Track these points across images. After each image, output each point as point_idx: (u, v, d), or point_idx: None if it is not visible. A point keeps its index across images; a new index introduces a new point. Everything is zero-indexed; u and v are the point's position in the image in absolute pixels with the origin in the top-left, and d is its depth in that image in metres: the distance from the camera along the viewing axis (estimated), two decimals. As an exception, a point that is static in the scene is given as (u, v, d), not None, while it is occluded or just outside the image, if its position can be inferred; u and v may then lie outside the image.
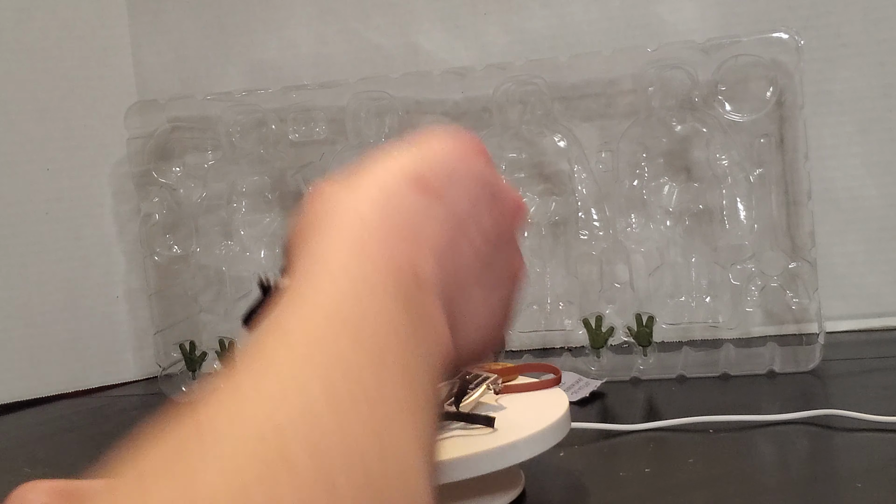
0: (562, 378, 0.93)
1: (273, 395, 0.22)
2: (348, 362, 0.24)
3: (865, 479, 0.63)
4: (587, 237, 1.02)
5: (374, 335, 0.26)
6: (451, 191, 0.32)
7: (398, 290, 0.28)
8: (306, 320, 0.25)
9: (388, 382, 0.24)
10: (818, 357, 0.92)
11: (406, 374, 0.25)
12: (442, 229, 0.31)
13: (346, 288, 0.27)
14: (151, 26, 1.21)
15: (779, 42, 0.96)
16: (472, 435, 0.59)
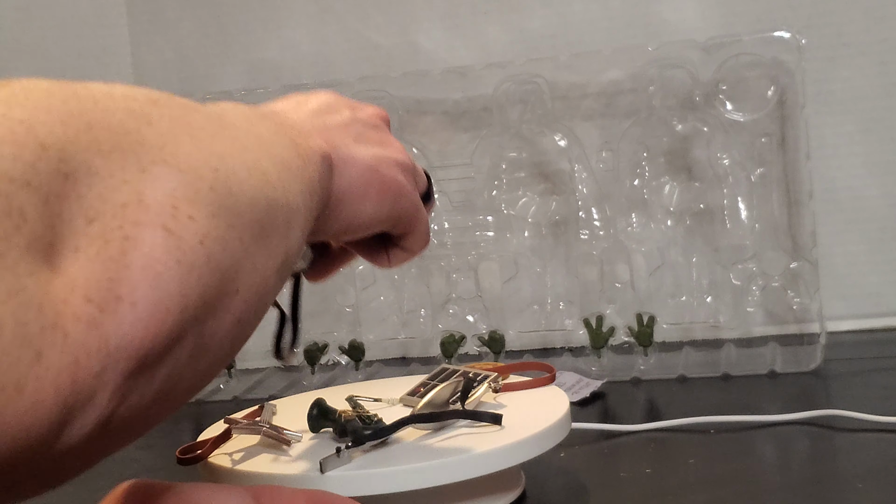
0: (560, 378, 0.93)
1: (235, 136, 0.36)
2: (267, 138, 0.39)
3: (866, 480, 0.63)
4: (588, 237, 1.02)
5: (276, 132, 0.41)
6: (322, 103, 0.50)
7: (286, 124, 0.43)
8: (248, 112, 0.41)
9: (282, 152, 0.39)
10: (819, 357, 0.91)
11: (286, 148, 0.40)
12: (314, 116, 0.49)
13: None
14: (151, 26, 1.21)
15: (780, 41, 0.96)
16: (472, 434, 0.59)
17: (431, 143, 1.10)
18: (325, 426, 0.61)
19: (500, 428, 0.60)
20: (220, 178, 0.32)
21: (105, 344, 0.27)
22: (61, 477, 0.29)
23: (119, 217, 0.28)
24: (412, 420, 0.58)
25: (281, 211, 0.36)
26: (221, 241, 0.31)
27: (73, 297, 0.27)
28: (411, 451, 0.57)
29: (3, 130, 0.26)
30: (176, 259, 0.29)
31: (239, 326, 0.34)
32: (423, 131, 1.11)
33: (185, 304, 0.30)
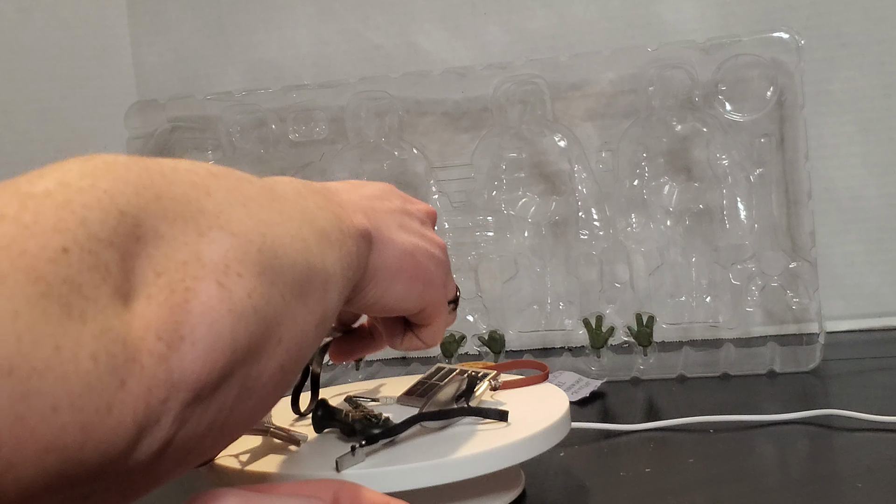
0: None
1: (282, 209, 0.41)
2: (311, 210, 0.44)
3: (866, 479, 0.63)
4: (587, 237, 1.02)
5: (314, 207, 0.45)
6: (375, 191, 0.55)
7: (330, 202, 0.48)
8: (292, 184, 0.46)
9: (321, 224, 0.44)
10: (818, 357, 0.92)
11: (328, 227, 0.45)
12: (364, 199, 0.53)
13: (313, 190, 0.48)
14: (151, 26, 1.21)
15: (779, 42, 0.96)
16: (472, 434, 0.59)
17: (431, 143, 1.11)
18: (330, 426, 0.61)
19: (506, 424, 0.60)
20: (267, 242, 0.38)
21: (171, 376, 0.33)
22: (129, 494, 0.34)
23: (181, 272, 0.34)
24: (422, 418, 0.59)
25: (318, 275, 0.42)
26: (266, 296, 0.37)
27: (148, 336, 0.32)
28: (412, 449, 0.57)
29: (92, 198, 0.32)
30: (228, 308, 0.35)
31: (282, 373, 0.39)
32: (423, 132, 1.11)
33: (235, 347, 0.35)
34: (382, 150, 1.07)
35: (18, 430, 0.28)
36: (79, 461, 0.29)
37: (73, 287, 0.30)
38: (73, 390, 0.29)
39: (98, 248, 0.31)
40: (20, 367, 0.28)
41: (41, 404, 0.28)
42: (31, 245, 0.29)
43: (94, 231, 0.31)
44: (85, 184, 0.32)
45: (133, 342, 0.31)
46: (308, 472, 0.55)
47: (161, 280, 0.33)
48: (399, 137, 1.07)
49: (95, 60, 1.20)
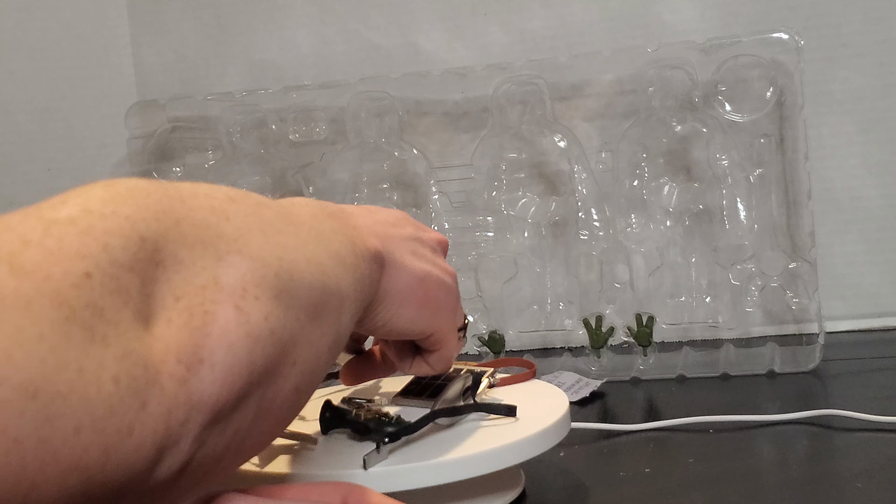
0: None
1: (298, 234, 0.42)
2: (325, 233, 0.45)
3: (865, 480, 0.63)
4: (587, 237, 1.02)
5: (330, 231, 0.46)
6: (388, 218, 0.56)
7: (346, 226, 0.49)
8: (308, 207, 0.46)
9: (335, 247, 0.45)
10: (818, 357, 0.92)
11: (342, 248, 0.46)
12: (378, 224, 0.53)
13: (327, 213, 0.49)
14: (151, 26, 1.22)
15: (779, 42, 0.96)
16: (471, 434, 0.59)
17: (431, 143, 1.11)
18: (339, 427, 0.61)
19: (515, 419, 0.60)
20: (284, 266, 0.39)
21: (190, 398, 0.33)
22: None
23: (200, 296, 0.35)
24: (436, 415, 0.60)
25: (333, 297, 0.43)
26: (282, 319, 0.38)
27: (168, 358, 0.33)
28: (411, 450, 0.57)
29: (114, 225, 0.33)
30: (245, 332, 0.35)
31: (297, 394, 0.40)
32: (423, 132, 1.11)
33: (252, 370, 0.36)
34: (382, 150, 1.07)
35: (42, 453, 0.28)
36: (100, 482, 0.30)
37: (95, 311, 0.31)
38: (96, 412, 0.30)
39: (120, 273, 0.32)
40: (45, 390, 0.28)
41: (64, 426, 0.29)
42: (56, 270, 0.30)
43: (116, 256, 0.32)
44: (107, 210, 0.33)
45: (154, 365, 0.32)
46: (327, 471, 0.55)
47: (180, 304, 0.34)
48: (399, 138, 1.07)
49: (95, 60, 1.20)
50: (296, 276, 0.39)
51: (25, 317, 0.28)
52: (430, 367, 0.60)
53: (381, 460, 0.55)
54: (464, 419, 0.62)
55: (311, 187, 1.10)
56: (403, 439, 0.57)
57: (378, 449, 0.55)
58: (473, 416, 0.62)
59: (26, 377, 0.28)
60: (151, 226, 0.34)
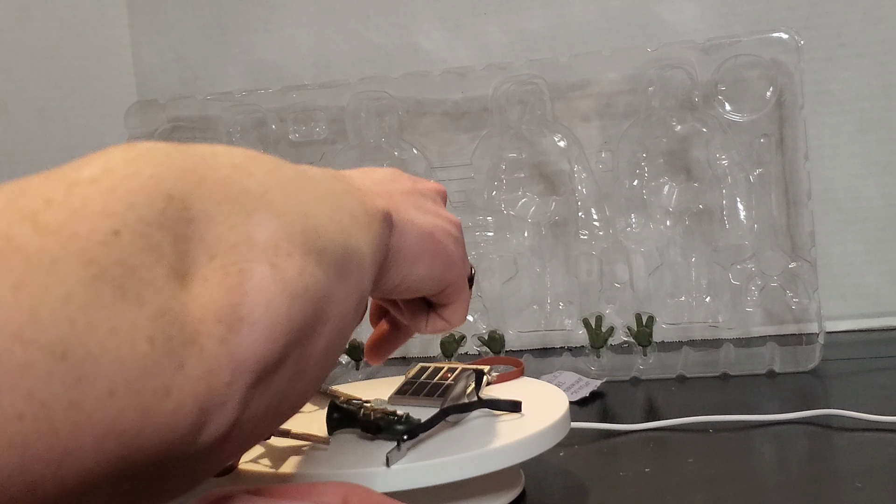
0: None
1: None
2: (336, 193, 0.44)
3: (865, 479, 0.63)
4: (587, 237, 1.02)
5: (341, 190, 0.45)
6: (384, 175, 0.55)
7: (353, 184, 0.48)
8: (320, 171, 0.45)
9: (347, 204, 0.44)
10: (818, 357, 0.92)
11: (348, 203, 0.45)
12: (378, 183, 0.53)
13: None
14: (151, 26, 1.22)
15: (779, 42, 0.96)
16: (471, 433, 0.59)
17: (431, 143, 1.11)
18: (346, 427, 0.61)
19: (520, 415, 0.60)
20: (309, 223, 0.38)
21: (233, 358, 0.33)
22: (188, 480, 0.34)
23: (233, 254, 0.34)
24: (447, 412, 0.60)
25: (355, 256, 0.42)
26: (315, 276, 0.37)
27: (206, 317, 0.32)
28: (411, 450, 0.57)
29: (138, 184, 0.32)
30: (282, 289, 0.35)
31: (327, 354, 0.40)
32: (423, 132, 1.11)
33: (291, 327, 0.35)
34: (382, 150, 1.07)
35: (74, 416, 0.27)
36: (138, 447, 0.29)
37: (126, 269, 0.30)
38: (130, 374, 0.29)
39: (149, 231, 0.31)
40: (74, 351, 0.27)
41: (97, 389, 0.28)
42: (82, 228, 0.29)
43: (144, 214, 0.31)
44: (130, 170, 0.33)
45: (191, 324, 0.31)
46: (348, 470, 0.55)
47: (215, 263, 0.33)
48: (399, 137, 1.07)
49: (95, 60, 1.20)
50: (321, 232, 0.39)
51: (52, 276, 0.27)
52: (447, 322, 0.59)
53: (401, 457, 0.55)
54: (466, 417, 0.62)
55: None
56: (420, 436, 0.58)
57: (399, 446, 0.55)
58: (475, 413, 0.62)
59: (54, 338, 0.27)
60: (177, 184, 0.33)
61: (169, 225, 0.32)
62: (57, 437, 0.27)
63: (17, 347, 0.26)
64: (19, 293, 0.27)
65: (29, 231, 0.28)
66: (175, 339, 0.30)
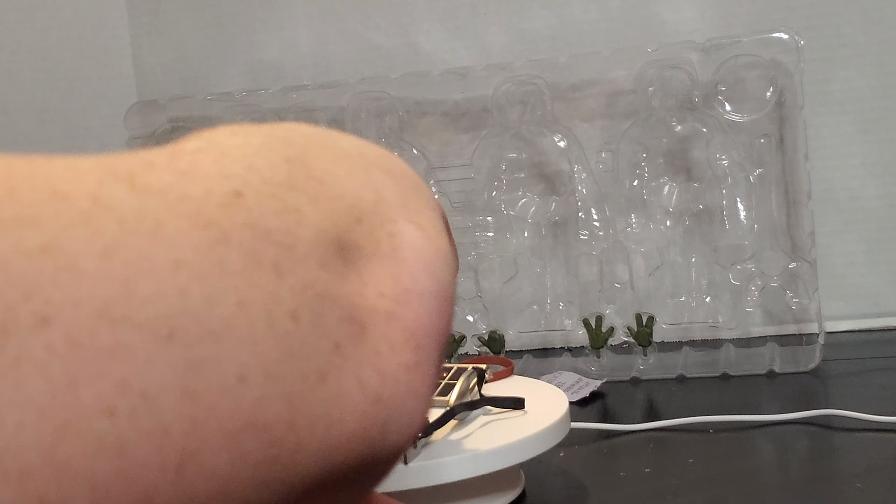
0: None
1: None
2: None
3: (865, 479, 0.63)
4: (587, 237, 1.02)
5: None
6: None
7: None
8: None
9: None
10: (818, 357, 0.92)
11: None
12: None
13: None
14: (151, 26, 1.22)
15: (779, 42, 0.96)
16: (470, 434, 0.59)
17: (431, 143, 1.11)
18: None
19: (523, 412, 0.61)
20: (410, 176, 0.33)
21: (412, 335, 0.27)
22: (367, 485, 0.28)
23: (378, 214, 0.28)
24: (456, 410, 0.60)
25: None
26: (443, 233, 0.31)
27: (365, 291, 0.26)
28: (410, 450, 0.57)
29: (250, 149, 0.27)
30: (435, 248, 0.29)
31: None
32: (423, 132, 1.11)
33: (452, 291, 0.30)
34: (382, 150, 1.07)
35: (189, 409, 0.22)
36: (293, 445, 0.24)
37: (257, 233, 0.24)
38: (268, 355, 0.23)
39: (279, 192, 0.26)
40: (185, 329, 0.22)
41: (221, 374, 0.22)
42: (194, 189, 0.23)
43: (268, 176, 0.26)
44: (237, 140, 0.28)
45: (347, 297, 0.26)
46: None
47: (363, 227, 0.28)
48: (399, 138, 1.07)
49: (95, 60, 1.20)
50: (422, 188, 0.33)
51: (155, 240, 0.21)
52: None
53: (417, 455, 0.55)
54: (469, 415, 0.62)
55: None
56: (434, 433, 0.58)
57: (415, 444, 0.56)
58: (474, 413, 0.62)
59: (156, 314, 0.21)
60: (290, 149, 0.28)
61: (300, 185, 0.27)
62: (168, 435, 0.21)
63: (102, 327, 0.21)
64: (109, 261, 0.21)
65: (124, 191, 0.22)
66: (327, 315, 0.25)
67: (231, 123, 0.30)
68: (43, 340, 0.19)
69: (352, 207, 0.28)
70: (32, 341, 0.19)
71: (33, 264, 0.19)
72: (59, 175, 0.21)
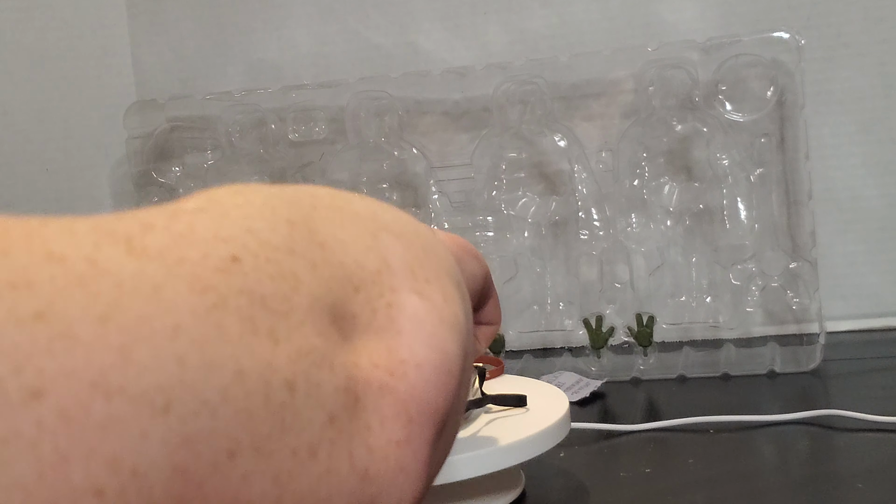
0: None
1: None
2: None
3: (866, 480, 0.63)
4: (587, 237, 1.02)
5: None
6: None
7: None
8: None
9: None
10: (819, 357, 0.92)
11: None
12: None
13: None
14: (150, 26, 1.21)
15: (779, 41, 0.96)
16: (470, 434, 0.59)
17: (431, 143, 1.10)
18: None
19: (525, 410, 0.60)
20: (425, 241, 0.31)
21: (404, 409, 0.26)
22: None
23: (378, 284, 0.28)
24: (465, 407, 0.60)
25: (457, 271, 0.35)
26: (455, 300, 0.30)
27: (360, 361, 0.26)
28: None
29: (252, 210, 0.26)
30: (439, 319, 0.28)
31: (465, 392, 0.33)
32: (422, 132, 1.11)
33: (458, 362, 0.29)
34: (382, 150, 1.07)
35: (178, 487, 0.21)
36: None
37: (254, 299, 0.23)
38: (259, 429, 0.22)
39: (278, 257, 0.25)
40: (182, 400, 0.21)
41: (213, 449, 0.21)
42: (191, 253, 0.23)
43: (267, 239, 0.25)
44: (239, 200, 0.26)
45: (343, 368, 0.25)
46: None
47: (360, 296, 0.27)
48: (399, 137, 1.07)
49: (95, 60, 1.20)
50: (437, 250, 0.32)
51: (152, 304, 0.21)
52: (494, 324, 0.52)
53: None
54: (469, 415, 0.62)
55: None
56: None
57: None
58: (474, 413, 0.62)
59: (152, 384, 0.20)
60: (293, 210, 0.27)
61: (299, 250, 0.26)
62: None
63: (96, 399, 0.19)
64: (105, 326, 0.20)
65: (121, 254, 0.21)
66: (323, 385, 0.24)
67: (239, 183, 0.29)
68: (33, 416, 0.18)
69: (351, 276, 0.27)
70: (22, 417, 0.18)
71: (26, 333, 0.18)
72: (54, 237, 0.20)
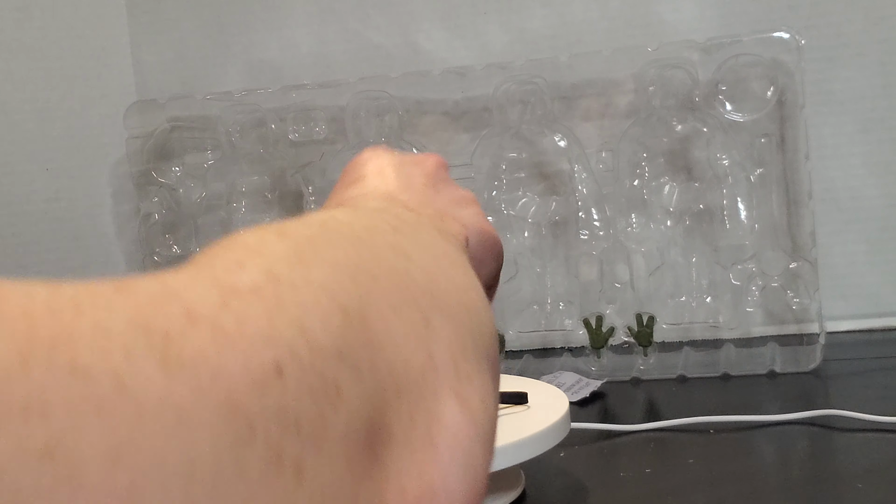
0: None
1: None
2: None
3: (866, 480, 0.63)
4: (587, 237, 1.02)
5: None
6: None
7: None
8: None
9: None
10: (819, 357, 0.92)
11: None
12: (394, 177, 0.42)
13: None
14: (151, 26, 1.21)
15: (779, 41, 0.96)
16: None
17: (431, 143, 1.10)
18: None
19: (526, 407, 0.60)
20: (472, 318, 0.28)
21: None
22: None
23: (420, 386, 0.25)
24: None
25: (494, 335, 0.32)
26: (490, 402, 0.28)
27: (387, 487, 0.24)
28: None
29: (308, 296, 0.23)
30: (475, 432, 0.26)
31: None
32: (423, 132, 1.11)
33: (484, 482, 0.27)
34: (382, 149, 1.07)
35: None
36: None
37: (286, 426, 0.21)
38: None
39: (324, 366, 0.22)
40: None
41: None
42: (231, 363, 0.20)
43: (316, 340, 0.22)
44: (297, 276, 0.24)
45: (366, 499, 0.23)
46: None
47: (402, 403, 0.24)
48: (399, 137, 1.07)
49: (95, 60, 1.20)
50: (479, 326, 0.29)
51: (172, 438, 0.19)
52: (495, 288, 0.49)
53: None
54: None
55: (311, 187, 1.09)
56: None
57: None
58: None
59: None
60: (351, 291, 0.24)
61: (348, 351, 0.23)
62: None
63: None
64: (116, 466, 0.18)
65: (153, 367, 0.19)
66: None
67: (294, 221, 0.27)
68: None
69: (397, 379, 0.25)
70: None
71: (31, 474, 0.17)
72: (84, 341, 0.18)
